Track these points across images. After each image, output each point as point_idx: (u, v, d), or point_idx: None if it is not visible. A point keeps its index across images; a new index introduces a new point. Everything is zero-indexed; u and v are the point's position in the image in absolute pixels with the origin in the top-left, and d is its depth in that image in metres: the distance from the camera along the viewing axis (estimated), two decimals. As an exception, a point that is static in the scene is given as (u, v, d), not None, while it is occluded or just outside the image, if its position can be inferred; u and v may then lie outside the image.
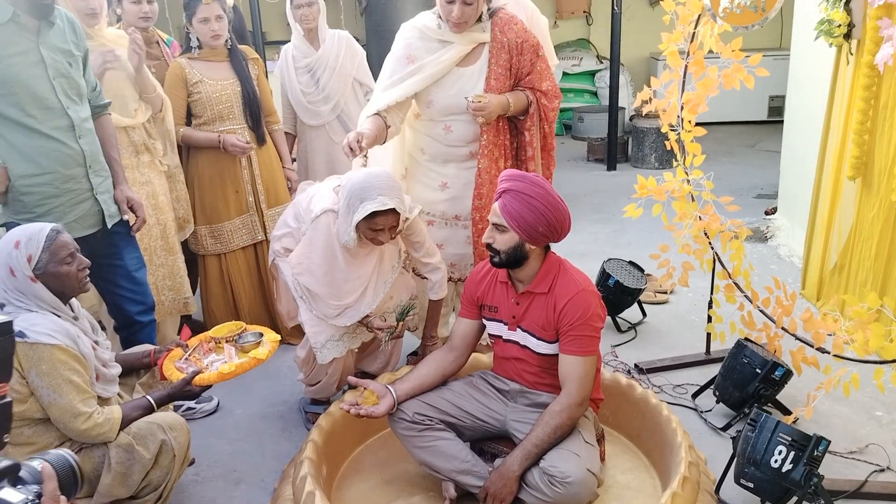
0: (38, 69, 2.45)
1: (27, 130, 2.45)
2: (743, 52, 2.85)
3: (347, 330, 2.80)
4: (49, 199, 2.54)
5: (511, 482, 2.26)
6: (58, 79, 2.49)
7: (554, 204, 2.27)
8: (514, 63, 2.90)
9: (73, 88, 2.55)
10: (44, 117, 2.47)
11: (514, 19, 2.93)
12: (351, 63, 3.79)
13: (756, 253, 4.67)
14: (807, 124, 4.32)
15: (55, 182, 2.53)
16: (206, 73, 3.35)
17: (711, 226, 3.05)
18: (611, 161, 7.19)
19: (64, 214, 2.56)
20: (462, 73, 2.91)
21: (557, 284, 2.34)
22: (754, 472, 2.29)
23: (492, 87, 2.88)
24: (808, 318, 2.71)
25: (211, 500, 2.60)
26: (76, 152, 2.56)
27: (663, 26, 3.04)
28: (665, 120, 3.10)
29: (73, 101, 2.55)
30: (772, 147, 7.21)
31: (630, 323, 3.81)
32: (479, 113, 2.83)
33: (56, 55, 2.49)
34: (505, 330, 2.46)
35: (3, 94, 2.40)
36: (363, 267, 2.75)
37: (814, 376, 2.82)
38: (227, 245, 3.51)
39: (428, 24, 2.91)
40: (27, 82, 2.42)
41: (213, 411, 3.17)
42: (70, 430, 2.07)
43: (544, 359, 2.40)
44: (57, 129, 2.50)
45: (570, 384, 2.31)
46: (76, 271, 2.19)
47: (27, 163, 2.48)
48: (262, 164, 3.53)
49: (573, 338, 2.30)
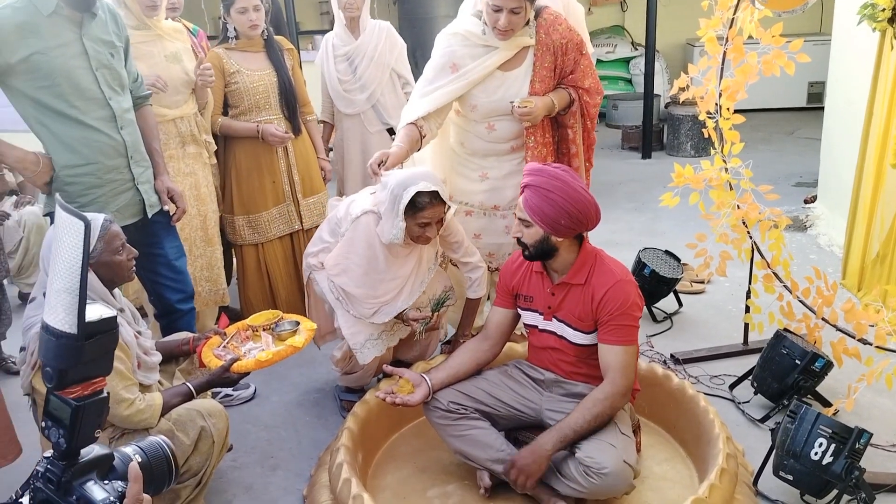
0: (82, 60, 2.48)
1: (70, 121, 2.49)
2: (783, 38, 2.79)
3: (385, 328, 2.81)
4: (92, 189, 2.58)
5: (541, 460, 2.24)
6: (100, 70, 2.52)
7: (574, 196, 2.25)
8: (559, 64, 2.88)
9: (115, 79, 2.58)
10: (87, 108, 2.51)
11: (559, 19, 2.89)
12: (390, 53, 3.79)
13: (795, 242, 4.59)
14: (848, 111, 4.23)
15: (98, 172, 2.57)
16: (243, 64, 3.37)
17: (750, 215, 3.00)
18: (646, 149, 7.12)
19: (106, 204, 2.60)
20: (507, 76, 2.88)
21: (594, 275, 2.33)
22: (794, 464, 2.26)
23: (536, 90, 2.85)
24: (849, 309, 2.66)
25: (248, 485, 2.64)
26: (118, 143, 2.60)
27: (700, 12, 2.99)
28: (703, 107, 3.05)
29: (116, 92, 2.58)
30: (811, 134, 7.08)
31: (666, 313, 3.77)
32: (526, 118, 2.82)
33: (99, 46, 2.52)
34: (541, 320, 2.46)
35: (48, 86, 2.43)
36: (403, 267, 2.76)
37: (855, 368, 2.77)
38: (264, 235, 3.54)
39: (472, 29, 2.86)
40: (70, 74, 2.45)
41: (251, 398, 3.21)
42: (113, 416, 2.11)
43: (580, 349, 2.39)
44: (99, 120, 2.54)
45: (613, 373, 2.29)
46: (126, 260, 2.23)
47: (71, 153, 2.52)
48: (298, 154, 3.55)
49: (613, 328, 2.29)
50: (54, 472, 1.05)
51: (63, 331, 1.00)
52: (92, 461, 1.07)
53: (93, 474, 1.07)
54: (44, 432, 1.07)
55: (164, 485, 1.17)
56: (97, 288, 2.16)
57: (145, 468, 1.13)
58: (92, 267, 2.14)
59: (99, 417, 1.06)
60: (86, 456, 1.07)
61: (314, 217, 3.62)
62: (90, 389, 1.05)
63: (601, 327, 2.31)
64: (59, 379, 1.03)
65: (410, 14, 7.10)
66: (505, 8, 2.69)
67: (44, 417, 1.07)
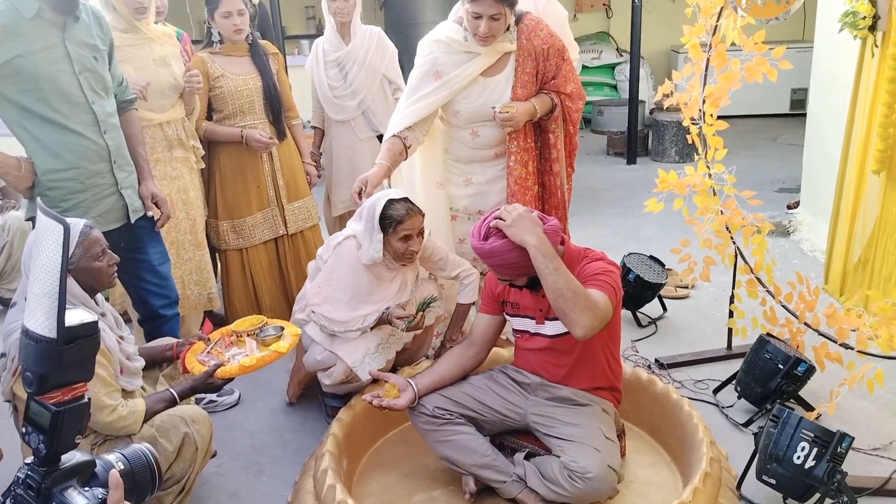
0: (64, 64, 2.46)
1: (53, 125, 2.47)
2: (766, 45, 2.82)
3: (381, 341, 2.78)
4: (75, 193, 2.56)
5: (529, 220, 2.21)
6: (84, 73, 2.50)
7: (509, 243, 2.21)
8: (541, 69, 2.89)
9: (98, 83, 2.57)
10: (70, 112, 2.49)
11: (540, 24, 2.90)
12: (381, 59, 3.76)
13: (778, 247, 4.62)
14: (830, 117, 4.27)
15: (80, 177, 2.55)
16: (227, 68, 3.37)
17: (733, 220, 3.03)
18: (631, 155, 7.15)
19: (89, 209, 2.59)
20: (488, 82, 2.90)
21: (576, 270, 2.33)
22: (776, 468, 2.27)
23: (518, 95, 2.87)
24: (831, 314, 2.69)
25: (233, 492, 2.63)
26: (101, 147, 2.58)
27: (684, 19, 3.02)
28: (687, 113, 3.07)
29: (99, 96, 2.57)
30: (793, 140, 7.14)
31: (650, 318, 3.79)
32: (508, 123, 2.83)
33: (82, 50, 2.50)
34: (532, 324, 2.46)
35: (30, 90, 2.41)
36: (387, 290, 2.77)
37: (837, 372, 2.80)
38: (248, 240, 3.53)
39: (453, 36, 2.87)
40: (53, 77, 2.43)
41: (235, 404, 3.19)
42: (95, 422, 2.09)
43: (575, 344, 2.35)
44: (82, 125, 2.52)
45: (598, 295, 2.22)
46: (106, 267, 2.22)
47: (53, 158, 2.50)
48: (283, 159, 3.54)
49: (593, 283, 2.22)
50: (35, 478, 1.04)
51: (43, 335, 1.00)
52: (73, 468, 1.07)
53: (73, 481, 1.06)
54: (24, 438, 1.07)
55: (148, 493, 1.17)
56: (77, 293, 2.14)
57: (128, 476, 1.12)
58: (71, 273, 2.12)
59: (80, 423, 1.06)
60: (67, 462, 1.06)
61: (299, 222, 3.62)
62: (71, 395, 1.05)
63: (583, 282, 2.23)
64: (40, 384, 1.02)
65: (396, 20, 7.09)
66: (485, 15, 2.70)
67: (24, 423, 1.06)
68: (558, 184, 3.05)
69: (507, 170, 2.97)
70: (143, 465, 1.16)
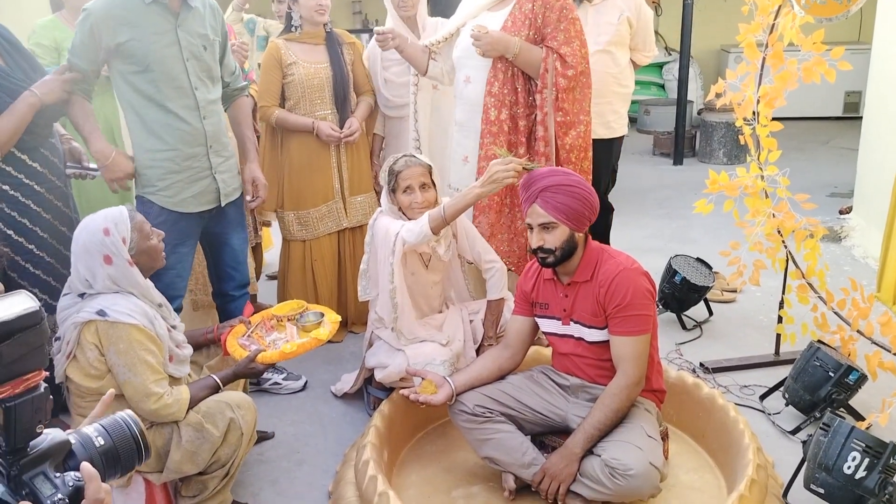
0: (174, 50, 2.58)
1: (157, 107, 2.59)
2: (824, 45, 2.75)
3: (448, 358, 2.70)
4: (170, 174, 2.66)
5: (572, 463, 2.24)
6: (191, 60, 2.62)
7: (589, 186, 2.34)
8: (538, 14, 2.89)
9: (204, 71, 2.67)
10: (174, 96, 2.60)
11: None
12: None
13: (829, 253, 4.52)
14: (887, 121, 4.16)
15: (177, 159, 2.65)
16: (301, 56, 3.38)
17: (786, 224, 2.96)
18: (677, 155, 7.06)
19: (182, 190, 2.69)
20: (487, 16, 3.00)
21: (600, 270, 2.33)
22: (825, 477, 2.22)
23: (507, 29, 2.91)
24: (885, 322, 2.61)
25: (274, 479, 2.65)
26: (199, 131, 2.68)
27: (736, 17, 2.96)
28: (740, 113, 3.01)
29: (203, 83, 2.67)
30: (846, 144, 6.98)
31: (695, 321, 3.73)
32: (477, 43, 2.85)
33: (192, 38, 2.61)
34: (558, 325, 2.45)
35: (141, 71, 2.55)
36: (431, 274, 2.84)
37: (889, 382, 2.73)
38: (312, 232, 3.53)
39: None
40: (162, 61, 2.56)
41: (301, 389, 3.22)
42: (141, 409, 2.11)
43: (601, 349, 2.37)
44: (184, 108, 2.63)
45: (624, 364, 2.29)
46: (158, 243, 2.26)
47: (154, 138, 2.62)
48: (350, 152, 3.52)
49: (622, 319, 2.28)
50: (3, 464, 1.01)
51: None
52: (44, 452, 1.02)
53: (45, 465, 1.02)
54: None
55: (133, 464, 1.11)
56: (140, 282, 2.18)
57: (109, 450, 1.07)
58: (134, 259, 2.16)
59: (38, 413, 1.01)
60: (37, 447, 1.02)
61: (359, 216, 3.58)
62: (22, 387, 1.00)
63: (610, 320, 2.30)
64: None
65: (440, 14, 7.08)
66: None
67: None
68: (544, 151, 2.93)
69: (482, 107, 2.98)
70: (126, 437, 1.09)
